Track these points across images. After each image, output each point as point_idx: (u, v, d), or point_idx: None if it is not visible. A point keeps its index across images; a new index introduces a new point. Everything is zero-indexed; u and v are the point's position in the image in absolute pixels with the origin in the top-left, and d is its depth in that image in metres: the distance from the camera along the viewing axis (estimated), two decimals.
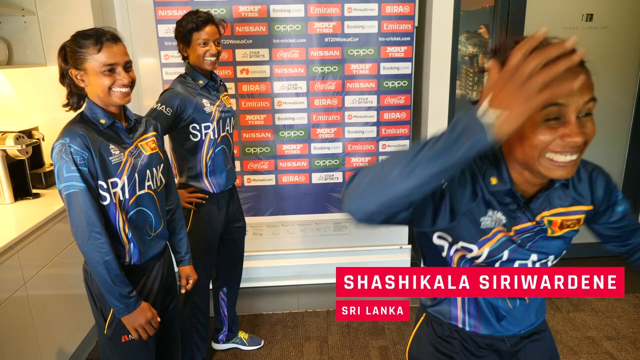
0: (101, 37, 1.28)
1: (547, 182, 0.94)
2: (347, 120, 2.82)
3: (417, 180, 0.70)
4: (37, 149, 2.38)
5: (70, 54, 1.31)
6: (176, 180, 2.06)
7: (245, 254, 2.35)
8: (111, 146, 1.34)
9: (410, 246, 3.08)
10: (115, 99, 1.32)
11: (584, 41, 3.08)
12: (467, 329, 1.09)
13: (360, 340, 2.48)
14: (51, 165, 2.48)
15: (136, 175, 1.39)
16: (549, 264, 1.08)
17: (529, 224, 0.97)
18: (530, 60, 0.65)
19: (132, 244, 1.40)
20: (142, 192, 1.41)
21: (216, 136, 1.95)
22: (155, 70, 2.73)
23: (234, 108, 2.31)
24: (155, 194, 1.47)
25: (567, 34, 3.13)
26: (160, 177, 1.50)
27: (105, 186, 1.32)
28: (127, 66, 1.34)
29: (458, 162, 0.68)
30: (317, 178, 2.89)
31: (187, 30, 1.85)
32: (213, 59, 1.88)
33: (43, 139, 2.37)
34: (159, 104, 1.83)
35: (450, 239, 0.98)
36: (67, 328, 2.13)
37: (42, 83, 2.44)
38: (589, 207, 1.04)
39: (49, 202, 2.17)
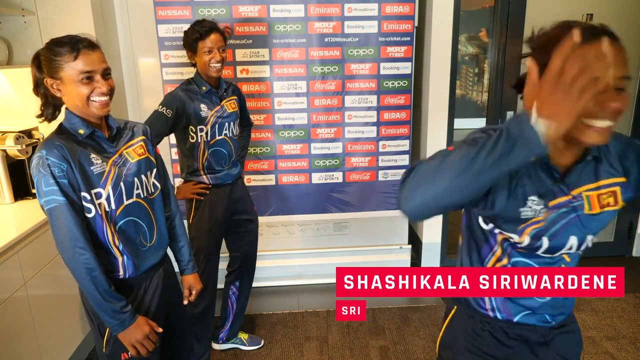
0: (77, 44, 1.23)
1: (580, 156, 0.96)
2: (347, 120, 2.82)
3: (475, 185, 0.78)
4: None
5: (45, 63, 1.25)
6: (178, 179, 2.10)
7: None
8: (92, 156, 1.27)
9: (410, 246, 3.08)
10: (94, 110, 1.26)
11: None
12: (500, 316, 1.09)
13: (360, 340, 2.48)
14: None
15: (122, 184, 1.31)
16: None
17: (565, 198, 0.97)
18: (571, 67, 0.68)
19: (125, 256, 1.33)
20: (130, 201, 1.33)
21: (209, 139, 2.04)
22: (155, 70, 2.73)
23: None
24: (147, 202, 1.39)
25: None
26: (153, 183, 1.43)
27: (89, 197, 1.25)
28: (106, 73, 1.27)
29: (515, 168, 0.77)
30: (317, 178, 2.89)
31: (192, 40, 1.95)
32: (218, 65, 1.98)
33: (43, 139, 2.37)
34: (161, 106, 1.95)
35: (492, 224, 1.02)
36: (67, 328, 2.13)
37: None
38: (622, 179, 1.01)
39: None
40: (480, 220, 1.04)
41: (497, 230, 1.01)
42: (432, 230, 3.21)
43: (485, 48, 3.27)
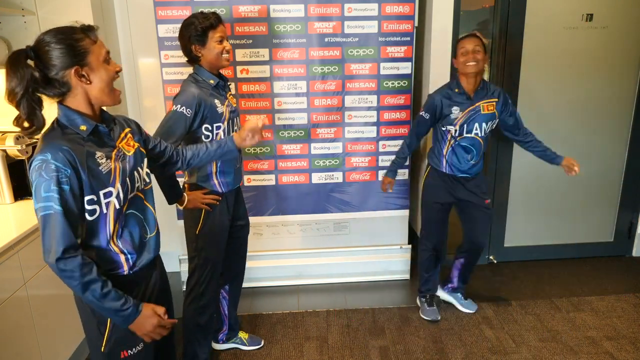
0: (87, 28, 1.22)
1: (477, 86, 2.33)
2: (347, 120, 2.82)
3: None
4: None
5: (66, 51, 1.16)
6: (185, 180, 2.06)
7: None
8: (97, 154, 1.22)
9: (410, 246, 3.08)
10: (114, 95, 1.26)
11: (584, 41, 3.10)
12: (447, 172, 2.46)
13: (360, 340, 2.48)
14: None
15: (127, 180, 1.29)
16: (486, 129, 2.36)
17: (472, 107, 2.32)
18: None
19: (126, 252, 1.31)
20: (132, 195, 1.32)
21: (226, 136, 1.95)
22: (155, 70, 2.73)
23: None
24: (143, 194, 1.38)
25: (567, 34, 3.16)
26: (147, 173, 1.40)
27: (95, 199, 1.20)
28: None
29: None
30: (317, 178, 2.89)
31: (202, 30, 1.84)
32: (228, 55, 1.91)
33: (42, 139, 2.37)
34: (179, 106, 1.81)
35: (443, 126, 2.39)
36: (67, 328, 2.13)
37: None
38: (496, 100, 2.35)
39: None
40: (440, 126, 2.40)
41: (444, 128, 2.38)
42: None
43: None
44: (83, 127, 1.21)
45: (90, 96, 1.22)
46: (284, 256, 3.03)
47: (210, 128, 1.90)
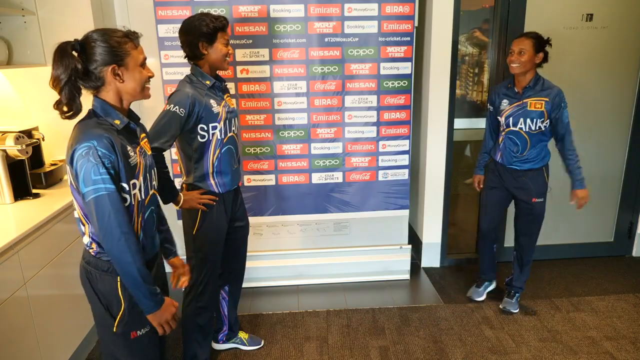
0: (133, 35, 1.35)
1: (527, 84, 2.42)
2: (347, 120, 2.82)
3: None
4: (37, 149, 2.38)
5: (108, 50, 1.28)
6: (182, 180, 2.06)
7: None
8: (128, 147, 1.33)
9: (410, 246, 3.08)
10: (147, 94, 1.38)
11: (584, 41, 3.10)
12: (499, 161, 2.59)
13: (360, 340, 2.48)
14: (51, 165, 2.48)
15: (148, 175, 1.41)
16: (533, 126, 2.42)
17: (519, 102, 2.44)
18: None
19: (143, 245, 1.41)
20: (152, 192, 1.44)
21: (223, 136, 1.95)
22: (155, 71, 2.71)
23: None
24: (157, 193, 1.51)
25: (567, 34, 3.16)
26: (157, 177, 1.54)
27: (127, 188, 1.31)
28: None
29: None
30: (317, 178, 2.89)
31: (211, 29, 1.85)
32: (229, 59, 1.95)
33: (43, 139, 2.37)
34: (172, 105, 1.82)
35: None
36: (67, 328, 2.13)
37: (42, 83, 2.43)
38: (546, 99, 2.38)
39: (49, 202, 2.17)
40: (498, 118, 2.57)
41: (498, 119, 2.54)
42: (432, 230, 3.21)
43: (481, 47, 3.27)
44: (117, 122, 1.32)
45: (121, 93, 1.34)
46: (284, 256, 3.03)
47: (205, 128, 1.90)
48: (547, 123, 2.42)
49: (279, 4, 2.60)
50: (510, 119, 2.46)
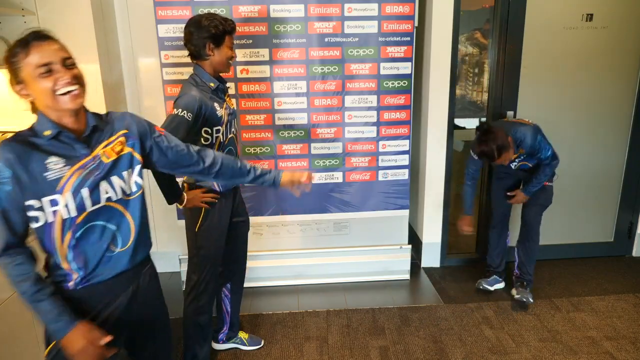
0: (25, 39, 1.15)
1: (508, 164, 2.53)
2: (347, 120, 2.82)
3: None
4: None
5: (8, 70, 1.17)
6: (183, 179, 2.05)
7: None
8: (51, 160, 1.16)
9: (410, 246, 3.08)
10: (65, 104, 1.16)
11: (584, 41, 3.10)
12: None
13: (360, 340, 2.47)
14: None
15: (83, 191, 1.18)
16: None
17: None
18: None
19: (75, 266, 1.22)
20: (97, 206, 1.22)
21: (224, 139, 1.96)
22: (155, 70, 2.73)
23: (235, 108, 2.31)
24: (121, 204, 1.26)
25: (567, 34, 3.16)
26: (135, 182, 1.29)
27: (37, 206, 1.15)
28: (67, 63, 1.17)
29: None
30: (317, 178, 2.89)
31: (221, 32, 1.86)
32: (231, 63, 1.98)
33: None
34: (180, 110, 1.79)
35: None
36: None
37: None
38: (523, 151, 2.50)
39: None
40: None
41: None
42: (432, 230, 3.21)
43: (481, 47, 3.27)
44: (47, 132, 1.18)
45: (42, 107, 1.21)
46: (284, 256, 3.03)
47: (209, 131, 1.90)
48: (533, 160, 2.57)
49: (279, 4, 2.60)
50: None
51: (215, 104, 1.90)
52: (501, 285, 2.95)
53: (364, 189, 2.94)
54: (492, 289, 2.91)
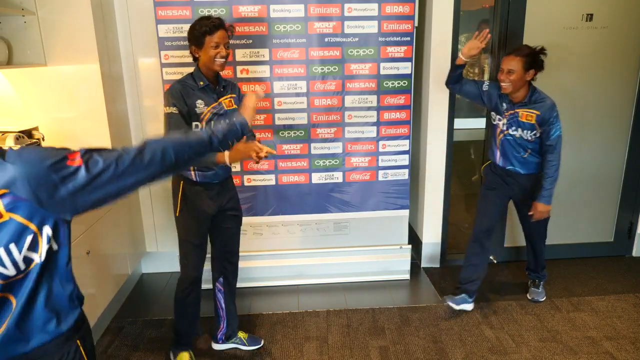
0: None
1: (523, 99, 2.43)
2: (347, 120, 2.82)
3: None
4: None
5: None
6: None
7: (245, 254, 2.35)
8: None
9: (410, 246, 3.08)
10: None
11: (584, 41, 3.10)
12: (499, 164, 2.60)
13: (360, 340, 2.47)
14: None
15: None
16: (525, 136, 2.45)
17: (512, 111, 2.44)
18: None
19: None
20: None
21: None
22: (155, 70, 2.73)
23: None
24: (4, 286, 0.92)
25: (567, 34, 3.15)
26: (25, 257, 0.92)
27: None
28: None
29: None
30: (317, 178, 2.89)
31: (200, 34, 1.95)
32: (222, 60, 2.00)
33: (43, 139, 2.37)
34: (167, 107, 1.94)
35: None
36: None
37: (42, 83, 2.44)
38: (537, 112, 2.38)
39: None
40: (492, 120, 2.60)
41: (494, 122, 2.57)
42: (432, 230, 3.21)
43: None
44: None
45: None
46: (284, 256, 3.03)
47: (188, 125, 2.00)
48: (537, 134, 2.43)
49: (279, 4, 2.60)
50: (507, 122, 2.47)
51: (199, 101, 1.99)
52: (469, 307, 2.68)
53: (364, 189, 2.94)
54: (457, 308, 2.65)
